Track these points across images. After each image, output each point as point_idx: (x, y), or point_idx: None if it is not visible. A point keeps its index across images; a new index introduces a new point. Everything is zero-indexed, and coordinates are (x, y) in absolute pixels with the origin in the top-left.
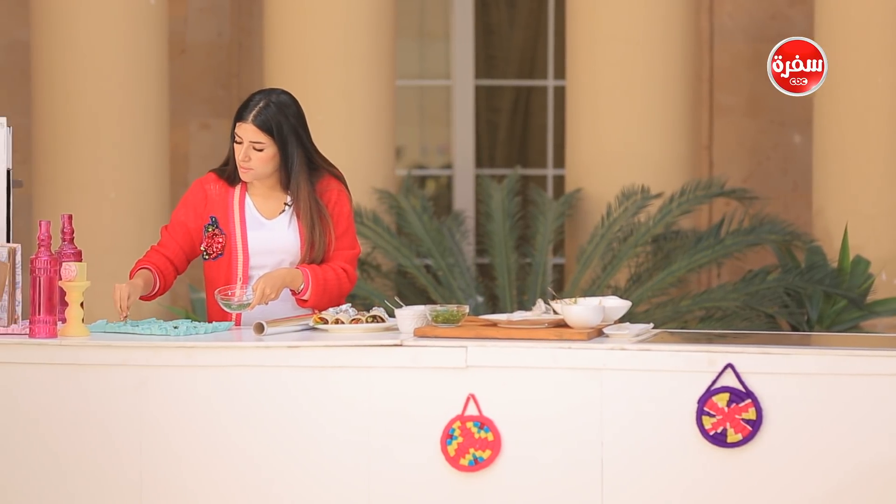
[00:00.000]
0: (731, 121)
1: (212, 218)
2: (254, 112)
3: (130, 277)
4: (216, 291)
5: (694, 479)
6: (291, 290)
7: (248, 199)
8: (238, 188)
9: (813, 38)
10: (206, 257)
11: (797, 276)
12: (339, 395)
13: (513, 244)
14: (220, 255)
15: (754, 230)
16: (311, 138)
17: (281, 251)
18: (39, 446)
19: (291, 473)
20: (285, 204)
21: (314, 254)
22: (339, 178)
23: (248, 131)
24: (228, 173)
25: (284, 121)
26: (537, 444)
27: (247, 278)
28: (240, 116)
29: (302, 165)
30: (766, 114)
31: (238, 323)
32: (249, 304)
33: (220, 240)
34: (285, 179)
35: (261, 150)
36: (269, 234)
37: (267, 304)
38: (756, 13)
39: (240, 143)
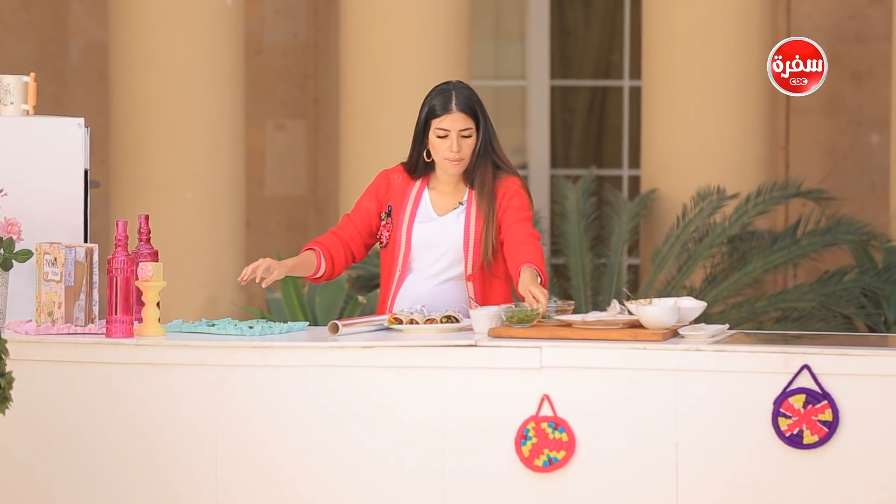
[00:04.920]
0: (808, 121)
1: (388, 207)
2: (455, 100)
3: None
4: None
5: (769, 481)
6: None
7: (425, 194)
8: (419, 182)
9: (893, 38)
10: (381, 246)
11: (874, 277)
12: (413, 395)
13: (588, 245)
14: (388, 244)
15: (831, 230)
16: (495, 133)
17: (444, 243)
18: (115, 445)
19: (365, 473)
20: (459, 202)
21: (480, 245)
22: (522, 181)
23: (457, 120)
24: (411, 168)
25: (479, 103)
26: (612, 445)
27: (405, 269)
28: (444, 109)
29: (489, 151)
30: (844, 114)
31: (383, 311)
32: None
33: (390, 229)
34: (472, 165)
35: (468, 137)
36: (437, 228)
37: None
38: (834, 13)
39: (444, 136)
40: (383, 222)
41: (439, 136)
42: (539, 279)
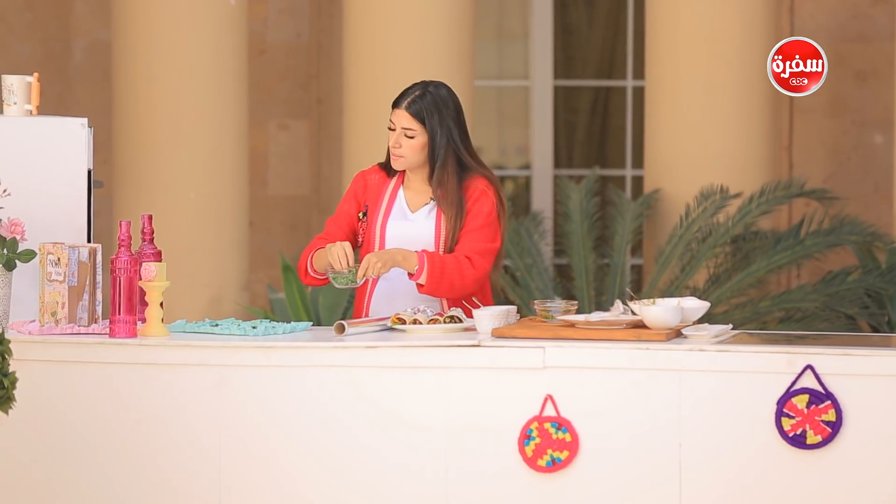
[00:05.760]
0: (811, 121)
1: (366, 206)
2: (408, 100)
3: (309, 262)
4: (327, 268)
5: (773, 481)
6: (409, 274)
7: (400, 191)
8: (394, 180)
9: None
10: (358, 246)
11: (878, 277)
12: (416, 395)
13: (591, 245)
14: (363, 243)
15: (834, 231)
16: (467, 137)
17: (417, 242)
18: (118, 445)
19: (368, 473)
20: (430, 198)
21: (448, 247)
22: (490, 178)
23: (401, 118)
24: (386, 164)
25: (436, 111)
26: (615, 446)
27: None
28: (395, 104)
29: (450, 158)
30: (847, 114)
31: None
32: (354, 278)
33: (365, 228)
34: (432, 171)
35: (412, 138)
36: (409, 225)
37: (375, 275)
38: (837, 12)
39: (393, 130)
40: (359, 223)
41: (389, 128)
42: (417, 268)
